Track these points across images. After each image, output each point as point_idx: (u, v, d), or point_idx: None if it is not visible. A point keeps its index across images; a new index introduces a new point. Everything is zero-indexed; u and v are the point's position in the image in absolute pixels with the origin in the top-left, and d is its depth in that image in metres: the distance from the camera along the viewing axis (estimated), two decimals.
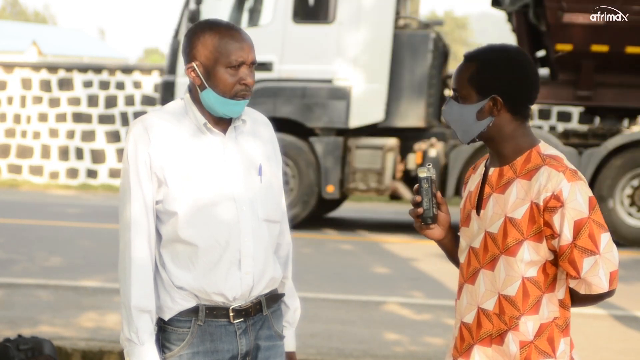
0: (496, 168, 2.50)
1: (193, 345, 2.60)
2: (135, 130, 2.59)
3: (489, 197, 2.49)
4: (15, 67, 16.81)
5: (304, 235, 10.78)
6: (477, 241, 2.51)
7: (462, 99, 2.48)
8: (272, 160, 2.73)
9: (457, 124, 2.52)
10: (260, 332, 2.68)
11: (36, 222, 11.64)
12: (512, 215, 2.42)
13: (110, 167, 16.44)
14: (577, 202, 2.36)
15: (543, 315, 2.43)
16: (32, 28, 49.48)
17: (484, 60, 2.47)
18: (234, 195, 2.60)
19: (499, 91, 2.45)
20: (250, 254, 2.61)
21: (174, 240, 2.59)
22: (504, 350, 2.45)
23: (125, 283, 2.57)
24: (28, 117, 16.63)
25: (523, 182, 2.43)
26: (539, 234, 2.40)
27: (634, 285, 8.65)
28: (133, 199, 2.57)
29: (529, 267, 2.41)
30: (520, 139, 2.48)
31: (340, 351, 5.95)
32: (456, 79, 2.50)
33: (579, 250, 2.36)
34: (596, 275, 2.37)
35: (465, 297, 2.54)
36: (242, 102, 2.59)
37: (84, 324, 6.44)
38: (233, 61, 2.55)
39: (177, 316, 2.61)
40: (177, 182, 2.56)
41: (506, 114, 2.47)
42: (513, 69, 2.46)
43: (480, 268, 2.49)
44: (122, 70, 16.57)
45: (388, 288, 8.06)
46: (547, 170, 2.39)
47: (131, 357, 2.56)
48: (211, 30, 2.58)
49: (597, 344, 6.43)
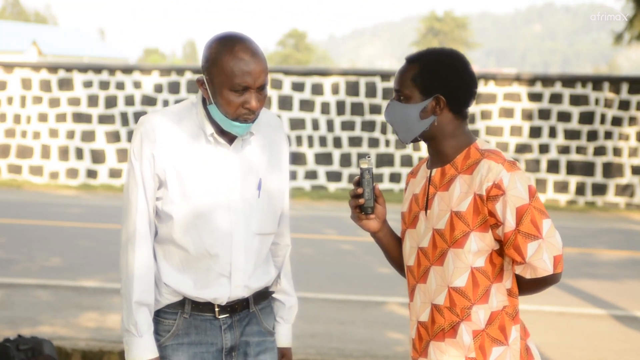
0: (438, 168, 2.60)
1: (178, 336, 2.66)
2: (142, 128, 2.60)
3: (434, 197, 2.58)
4: (15, 67, 16.80)
5: (304, 235, 10.78)
6: (425, 240, 2.59)
7: (405, 98, 2.58)
8: (275, 169, 2.73)
9: (400, 124, 2.60)
10: (247, 328, 2.72)
11: (36, 222, 11.64)
12: (458, 209, 2.51)
13: (110, 167, 16.44)
14: (518, 189, 2.46)
15: (492, 305, 2.52)
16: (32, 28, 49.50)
17: (427, 61, 2.57)
18: (230, 208, 2.62)
19: (441, 91, 2.55)
20: (241, 268, 2.65)
21: (168, 241, 2.63)
22: (458, 342, 2.52)
23: (128, 277, 2.61)
24: (28, 117, 16.63)
25: (465, 177, 2.53)
26: (484, 224, 2.49)
27: (634, 285, 8.65)
28: (139, 194, 2.60)
29: (476, 258, 2.50)
30: (460, 137, 2.59)
31: (340, 351, 5.96)
32: (399, 80, 2.59)
33: (522, 235, 2.45)
34: (540, 259, 2.46)
35: (418, 297, 2.62)
36: (244, 125, 2.57)
37: (84, 324, 6.44)
38: (237, 85, 2.52)
39: (165, 308, 2.66)
40: (175, 187, 2.59)
41: (448, 113, 2.57)
42: (455, 70, 2.56)
43: (430, 266, 2.57)
44: (122, 70, 16.57)
45: (388, 288, 8.07)
46: (487, 162, 2.49)
47: (130, 347, 2.61)
48: (224, 47, 2.54)
49: (597, 344, 6.43)
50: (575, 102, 15.52)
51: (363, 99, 16.03)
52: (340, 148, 16.09)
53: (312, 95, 16.11)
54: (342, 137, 16.07)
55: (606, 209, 15.30)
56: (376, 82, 16.03)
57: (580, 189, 15.57)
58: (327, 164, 16.02)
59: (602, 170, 15.48)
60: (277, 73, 16.23)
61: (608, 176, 15.49)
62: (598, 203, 15.52)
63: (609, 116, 15.42)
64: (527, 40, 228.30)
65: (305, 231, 11.14)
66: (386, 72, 16.22)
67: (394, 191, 16.05)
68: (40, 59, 37.23)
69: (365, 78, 16.08)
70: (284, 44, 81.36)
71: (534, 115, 15.60)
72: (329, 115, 16.07)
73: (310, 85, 16.12)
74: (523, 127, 15.67)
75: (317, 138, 16.11)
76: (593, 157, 15.49)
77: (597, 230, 12.46)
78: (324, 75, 16.22)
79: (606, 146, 15.45)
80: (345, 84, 16.05)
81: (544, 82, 15.64)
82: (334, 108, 16.04)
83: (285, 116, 16.09)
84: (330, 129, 16.05)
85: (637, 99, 15.36)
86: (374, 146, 16.04)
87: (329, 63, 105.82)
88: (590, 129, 15.49)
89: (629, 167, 15.45)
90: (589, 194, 15.55)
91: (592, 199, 15.55)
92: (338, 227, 12.06)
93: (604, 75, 16.03)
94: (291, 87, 16.08)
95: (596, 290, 8.19)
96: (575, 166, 15.56)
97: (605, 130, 15.44)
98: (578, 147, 15.52)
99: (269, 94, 16.07)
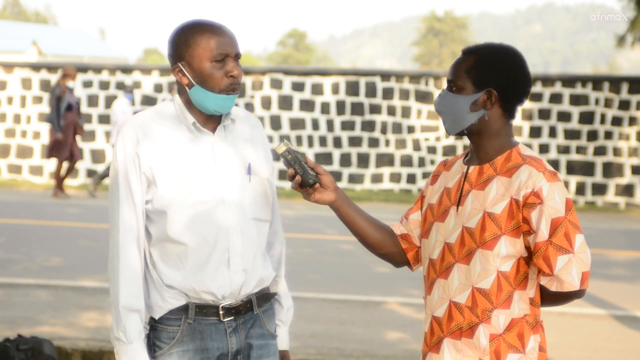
0: (476, 166, 2.56)
1: (183, 343, 2.62)
2: (124, 130, 2.60)
3: (468, 194, 2.54)
4: (15, 67, 16.81)
5: (304, 235, 10.78)
6: (453, 237, 2.55)
7: (458, 89, 2.55)
8: (262, 159, 2.73)
9: (449, 114, 2.57)
10: (251, 331, 2.69)
11: (36, 222, 11.64)
12: (492, 210, 2.48)
13: None
14: (555, 201, 2.43)
15: (514, 311, 2.49)
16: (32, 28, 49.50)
17: (483, 54, 2.54)
18: (223, 194, 2.61)
19: (495, 85, 2.52)
20: (239, 252, 2.62)
21: (163, 240, 2.60)
22: (474, 343, 2.50)
23: (114, 283, 2.59)
24: (28, 117, 16.63)
25: (503, 179, 2.50)
26: (516, 230, 2.46)
27: (634, 285, 8.65)
28: (122, 199, 2.58)
29: (504, 262, 2.47)
30: (504, 138, 2.55)
31: (340, 351, 5.95)
32: (453, 70, 2.56)
33: (554, 247, 2.43)
34: (569, 274, 2.44)
35: (436, 292, 2.58)
36: (231, 96, 2.60)
37: (84, 324, 6.44)
38: (217, 55, 2.57)
39: (168, 314, 2.62)
40: (165, 182, 2.57)
41: (498, 109, 2.54)
42: (510, 65, 2.53)
43: (455, 262, 2.54)
44: (122, 70, 16.58)
45: (388, 288, 8.06)
46: (528, 168, 2.47)
47: (120, 356, 2.57)
48: (192, 29, 2.60)
49: (597, 344, 6.43)
50: (575, 102, 15.53)
51: (363, 99, 16.03)
52: (340, 148, 16.09)
53: (312, 95, 16.11)
54: (342, 137, 16.07)
55: (606, 209, 15.30)
56: (376, 82, 16.04)
57: (580, 189, 15.57)
58: (327, 164, 16.01)
59: (602, 170, 15.49)
60: (277, 73, 16.23)
61: (608, 176, 15.49)
62: (598, 203, 15.52)
63: (609, 116, 15.42)
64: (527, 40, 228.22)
65: (305, 231, 11.14)
66: (386, 72, 16.23)
67: (394, 191, 16.05)
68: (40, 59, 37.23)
69: (365, 78, 16.08)
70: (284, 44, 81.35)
71: (534, 115, 15.61)
72: (329, 115, 16.07)
73: (310, 85, 16.12)
74: (523, 127, 15.67)
75: (317, 138, 16.11)
76: (593, 157, 15.50)
77: (597, 230, 12.46)
78: (324, 75, 16.22)
79: (606, 146, 15.46)
80: (345, 84, 16.05)
81: (544, 82, 15.64)
82: (334, 108, 16.03)
83: (285, 116, 16.09)
84: (330, 129, 16.05)
85: (637, 99, 15.36)
86: (374, 146, 16.04)
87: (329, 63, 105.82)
88: (590, 128, 15.49)
89: (629, 167, 15.45)
90: (589, 194, 15.55)
91: (592, 199, 15.55)
92: (338, 227, 12.04)
93: (604, 75, 16.04)
94: (291, 87, 16.08)
95: (596, 290, 8.19)
96: (575, 166, 15.56)
97: (605, 130, 15.44)
98: (578, 147, 15.52)
99: (269, 94, 16.09)
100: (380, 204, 15.03)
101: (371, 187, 16.09)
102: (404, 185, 16.12)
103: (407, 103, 16.00)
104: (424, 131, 16.00)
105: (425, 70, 16.99)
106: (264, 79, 16.18)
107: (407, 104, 16.01)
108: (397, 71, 16.27)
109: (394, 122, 16.04)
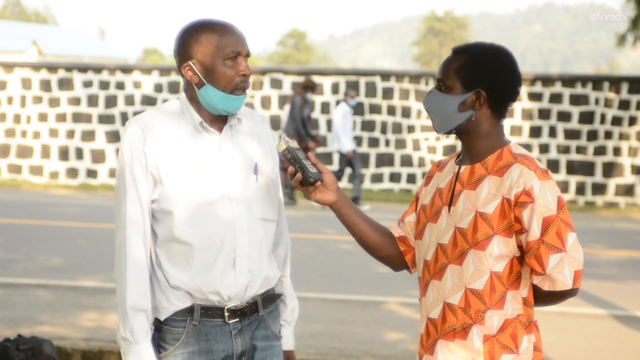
0: (467, 166, 2.54)
1: (188, 344, 2.61)
2: (130, 129, 2.58)
3: (460, 194, 2.52)
4: (15, 67, 16.80)
5: (304, 235, 10.78)
6: (446, 237, 2.53)
7: (447, 89, 2.53)
8: (268, 158, 2.72)
9: (437, 113, 2.56)
10: (256, 332, 2.68)
11: (36, 222, 11.64)
12: (483, 210, 2.46)
13: (110, 167, 16.44)
14: (547, 199, 2.41)
15: (507, 312, 2.47)
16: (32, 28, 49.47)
17: (473, 54, 2.52)
18: (230, 194, 2.60)
19: (484, 86, 2.50)
20: (245, 253, 2.61)
21: (170, 240, 2.58)
22: (468, 345, 2.48)
23: (121, 282, 2.57)
24: (28, 117, 16.62)
25: (495, 179, 2.48)
26: (509, 229, 2.44)
27: (634, 285, 8.65)
28: (128, 198, 2.56)
29: (497, 262, 2.45)
30: (495, 137, 2.54)
31: (340, 351, 5.95)
32: (443, 70, 2.54)
33: (545, 246, 2.41)
34: (561, 272, 2.41)
35: (431, 293, 2.56)
36: (241, 97, 2.60)
37: (84, 324, 6.44)
38: (230, 53, 2.57)
39: (173, 316, 2.61)
40: (172, 181, 2.56)
41: (487, 109, 2.52)
42: (500, 66, 2.51)
43: (448, 263, 2.52)
44: (122, 70, 16.57)
45: (388, 288, 8.06)
46: (519, 167, 2.45)
47: (127, 356, 2.56)
48: (203, 27, 2.60)
49: (597, 344, 6.43)
50: (575, 102, 15.52)
51: (363, 99, 16.03)
52: None
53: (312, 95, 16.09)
54: None
55: (606, 208, 15.29)
56: (376, 82, 16.03)
57: (580, 189, 15.57)
58: (327, 164, 16.00)
59: (602, 170, 15.48)
60: (277, 73, 16.23)
61: (608, 176, 15.49)
62: (598, 203, 15.52)
63: (609, 116, 15.42)
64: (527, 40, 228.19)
65: (305, 231, 11.14)
66: (386, 72, 16.22)
67: (394, 191, 16.05)
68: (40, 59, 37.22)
69: (365, 78, 16.08)
70: (284, 44, 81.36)
71: (534, 115, 15.60)
72: (329, 115, 16.06)
73: None
74: (523, 127, 15.66)
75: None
76: (593, 157, 15.49)
77: (597, 230, 12.46)
78: (323, 75, 16.21)
79: (606, 146, 15.45)
80: (345, 84, 16.05)
81: (544, 81, 15.64)
82: (334, 108, 16.02)
83: (286, 116, 16.07)
84: (330, 129, 16.04)
85: (637, 98, 15.36)
86: (374, 146, 16.04)
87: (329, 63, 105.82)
88: (590, 128, 15.49)
89: (629, 167, 15.45)
90: (589, 194, 15.55)
91: (592, 199, 15.54)
92: (338, 227, 12.04)
93: (604, 75, 16.03)
94: (291, 87, 16.07)
95: (596, 290, 8.19)
96: (575, 166, 15.56)
97: (605, 130, 15.44)
98: (578, 146, 15.52)
99: (268, 94, 16.09)
100: (380, 204, 15.02)
101: (371, 187, 16.08)
102: (404, 185, 16.12)
103: (407, 103, 16.00)
104: (424, 131, 16.00)
105: (425, 70, 16.97)
106: (263, 78, 16.17)
107: (407, 103, 16.01)
108: (397, 71, 16.27)
109: (394, 122, 16.04)
